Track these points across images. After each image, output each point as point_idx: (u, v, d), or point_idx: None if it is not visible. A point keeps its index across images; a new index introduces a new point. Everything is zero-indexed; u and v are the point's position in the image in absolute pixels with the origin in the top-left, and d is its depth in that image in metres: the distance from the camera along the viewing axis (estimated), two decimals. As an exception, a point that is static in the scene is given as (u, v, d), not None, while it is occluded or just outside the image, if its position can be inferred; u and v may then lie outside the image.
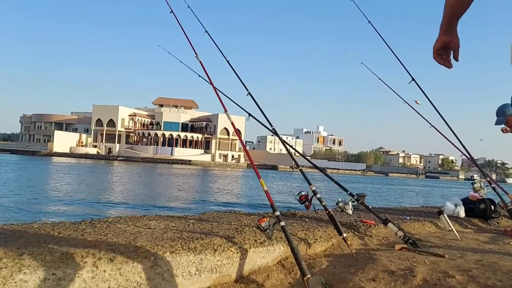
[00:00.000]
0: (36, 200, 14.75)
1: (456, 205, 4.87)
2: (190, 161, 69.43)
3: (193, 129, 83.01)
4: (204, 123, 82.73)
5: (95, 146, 78.17)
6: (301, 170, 3.48)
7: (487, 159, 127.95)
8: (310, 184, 3.23)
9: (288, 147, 3.82)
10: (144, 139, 79.17)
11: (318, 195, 3.19)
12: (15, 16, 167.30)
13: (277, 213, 2.51)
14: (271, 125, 3.77)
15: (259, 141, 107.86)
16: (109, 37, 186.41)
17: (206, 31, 4.01)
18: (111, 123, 78.27)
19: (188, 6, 4.04)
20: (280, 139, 3.93)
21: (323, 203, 3.20)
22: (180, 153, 75.45)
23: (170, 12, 3.77)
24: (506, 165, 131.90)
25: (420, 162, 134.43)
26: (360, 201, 3.89)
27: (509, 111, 4.02)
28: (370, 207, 3.79)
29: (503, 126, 4.40)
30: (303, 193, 3.16)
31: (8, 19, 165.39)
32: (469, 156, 5.14)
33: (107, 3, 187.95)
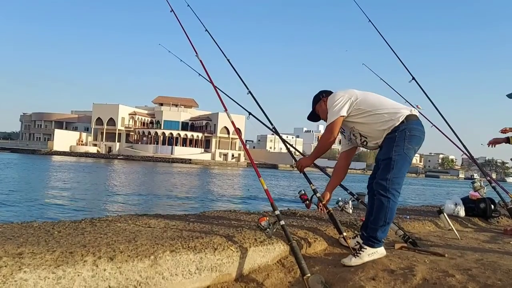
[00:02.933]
0: (36, 199, 14.75)
1: (456, 204, 4.86)
2: (190, 160, 69.40)
3: (193, 128, 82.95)
4: (204, 122, 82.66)
5: (95, 145, 78.13)
6: (301, 169, 3.47)
7: (487, 158, 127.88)
8: (310, 183, 3.23)
9: (288, 145, 3.82)
10: (144, 138, 79.14)
11: (318, 194, 3.19)
12: (15, 16, 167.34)
13: (277, 212, 2.51)
14: (271, 124, 3.77)
15: (259, 140, 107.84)
16: (109, 36, 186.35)
17: (206, 30, 3.99)
18: (111, 121, 78.23)
19: (188, 5, 4.01)
20: (280, 137, 3.93)
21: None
22: (180, 152, 75.41)
23: (170, 11, 3.75)
24: (506, 164, 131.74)
25: (420, 161, 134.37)
26: (360, 200, 3.90)
27: None
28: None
29: (504, 127, 4.46)
30: (303, 192, 3.16)
31: (9, 20, 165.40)
32: (469, 155, 5.14)
33: (107, 2, 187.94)
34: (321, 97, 3.02)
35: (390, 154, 2.70)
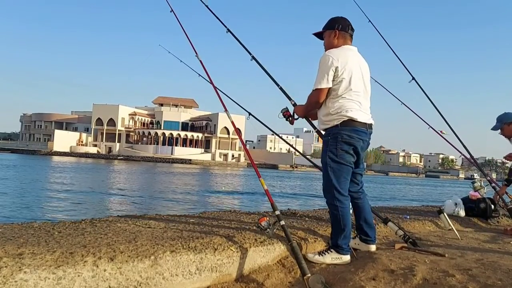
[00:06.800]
0: (36, 199, 14.75)
1: (456, 204, 4.86)
2: (190, 160, 69.37)
3: (193, 128, 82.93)
4: (204, 122, 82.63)
5: (95, 145, 78.12)
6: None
7: (487, 158, 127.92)
8: (290, 99, 3.13)
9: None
10: (144, 138, 79.12)
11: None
12: (15, 16, 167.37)
13: (277, 212, 2.51)
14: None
15: (259, 140, 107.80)
16: (110, 36, 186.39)
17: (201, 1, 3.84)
18: (111, 122, 78.23)
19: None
20: (279, 135, 3.92)
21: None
22: (180, 152, 75.38)
23: (170, 11, 3.75)
24: (506, 165, 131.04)
25: (420, 161, 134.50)
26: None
27: (506, 120, 4.31)
28: (370, 206, 3.78)
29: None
30: (286, 108, 3.04)
31: (9, 20, 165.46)
32: (468, 156, 5.13)
33: (108, 2, 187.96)
34: (335, 28, 2.74)
35: (326, 159, 2.68)
